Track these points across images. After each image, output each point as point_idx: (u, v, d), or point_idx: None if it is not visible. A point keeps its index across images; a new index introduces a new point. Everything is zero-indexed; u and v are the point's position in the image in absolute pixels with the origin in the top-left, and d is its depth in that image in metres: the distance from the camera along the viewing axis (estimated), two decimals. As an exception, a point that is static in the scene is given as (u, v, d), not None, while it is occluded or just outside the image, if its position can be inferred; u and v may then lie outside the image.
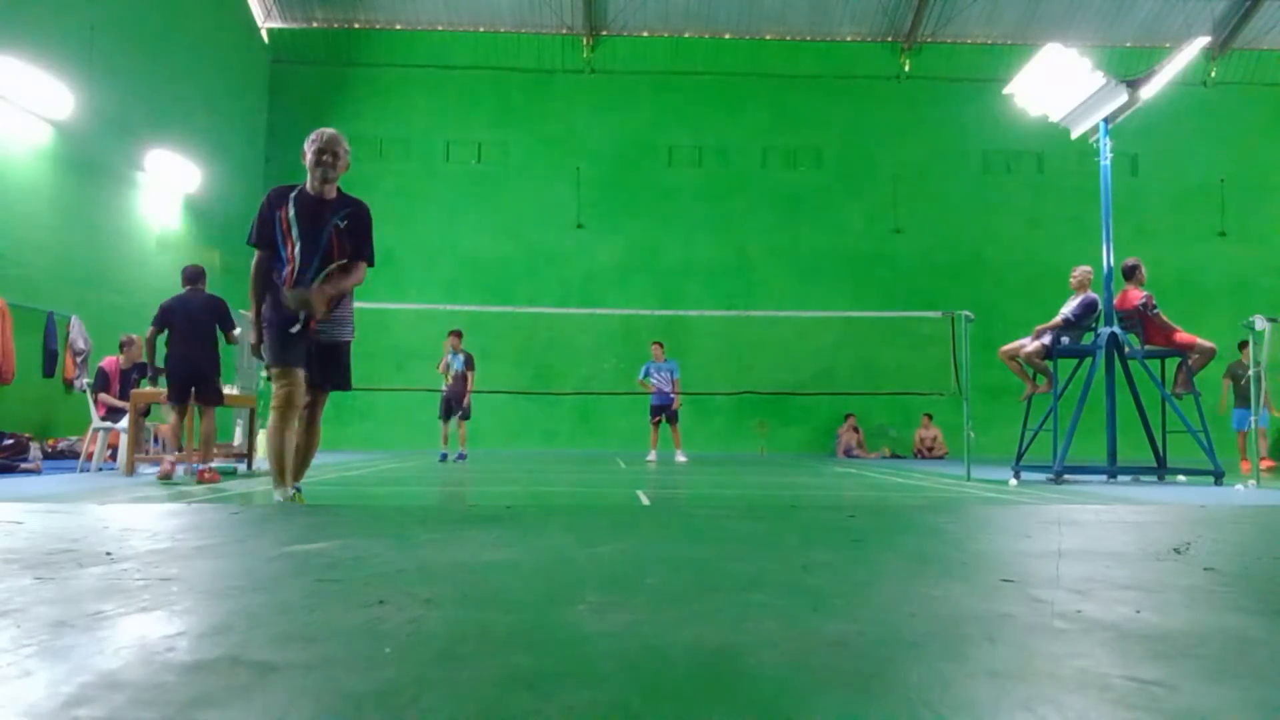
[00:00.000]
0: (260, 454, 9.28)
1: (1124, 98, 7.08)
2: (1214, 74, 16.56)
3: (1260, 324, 6.73)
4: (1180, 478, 7.31)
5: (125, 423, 7.27)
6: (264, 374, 4.07)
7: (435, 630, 1.32)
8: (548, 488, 6.34)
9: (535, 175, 16.24)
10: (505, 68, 16.45)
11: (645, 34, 16.60)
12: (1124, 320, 7.41)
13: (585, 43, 16.52)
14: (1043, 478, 7.24)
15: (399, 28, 16.59)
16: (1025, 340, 7.62)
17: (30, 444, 7.78)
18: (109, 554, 2.09)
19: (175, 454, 6.45)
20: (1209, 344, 7.36)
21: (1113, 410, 7.26)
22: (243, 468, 7.88)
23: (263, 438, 10.06)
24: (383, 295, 11.73)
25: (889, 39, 16.71)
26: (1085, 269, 7.61)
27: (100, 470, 7.46)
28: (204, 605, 1.52)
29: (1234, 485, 6.67)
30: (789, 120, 16.51)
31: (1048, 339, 7.36)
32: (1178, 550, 2.34)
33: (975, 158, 16.45)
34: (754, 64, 16.63)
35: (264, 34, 16.20)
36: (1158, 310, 7.47)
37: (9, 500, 4.16)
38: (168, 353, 6.45)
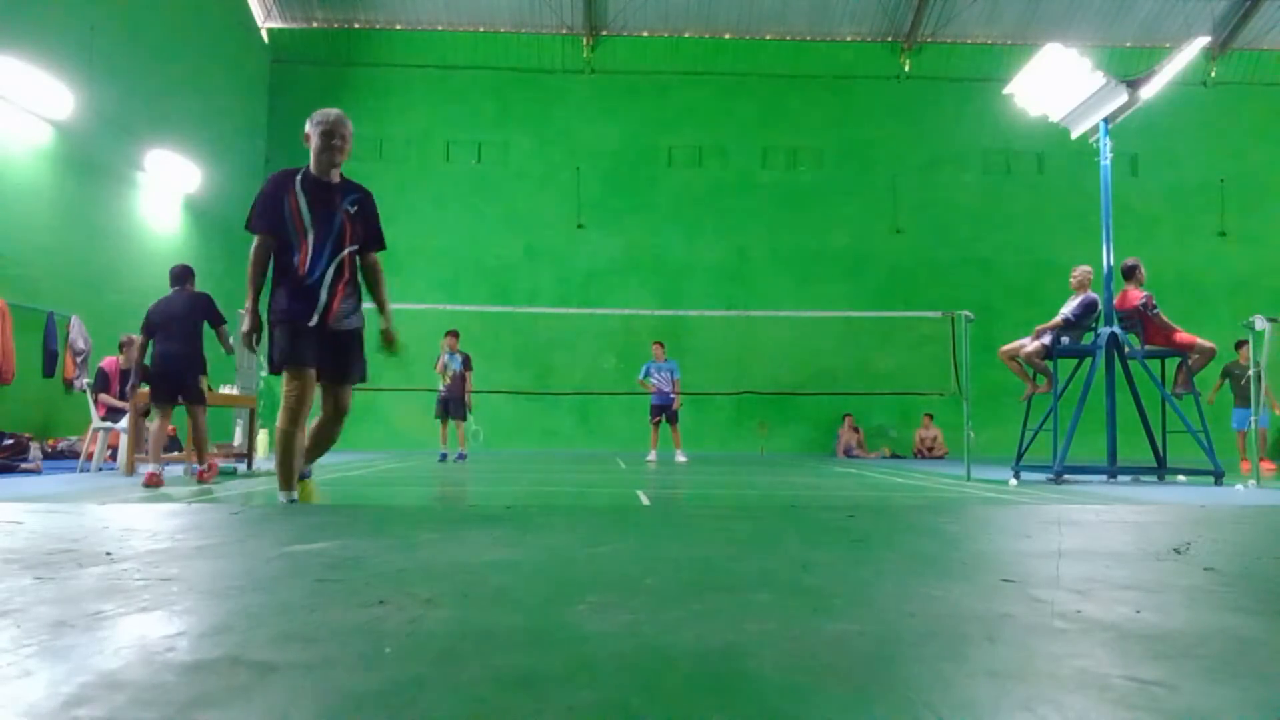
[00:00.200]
0: (260, 454, 9.28)
1: (1124, 98, 7.08)
2: (1214, 74, 16.56)
3: (1260, 324, 6.73)
4: (1180, 478, 7.31)
5: (125, 423, 7.28)
6: (262, 373, 4.04)
7: (435, 630, 1.32)
8: (548, 488, 6.33)
9: (535, 175, 16.24)
10: (505, 68, 16.45)
11: (645, 34, 16.60)
12: (1124, 320, 7.41)
13: (585, 43, 16.52)
14: (1043, 478, 7.24)
15: (399, 28, 16.59)
16: (1025, 340, 7.62)
17: (30, 444, 7.79)
18: (109, 554, 2.09)
19: (160, 462, 5.87)
20: (1209, 344, 7.36)
21: (1113, 410, 7.26)
22: (243, 468, 7.87)
23: (263, 438, 10.08)
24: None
25: (889, 39, 16.71)
26: (1085, 269, 7.61)
27: (100, 470, 7.47)
28: (204, 605, 1.52)
29: (1234, 485, 6.67)
30: (789, 120, 16.51)
31: (1048, 339, 7.36)
32: (1178, 550, 2.34)
33: (975, 158, 16.44)
34: (754, 64, 16.63)
35: (264, 34, 16.21)
36: (1158, 310, 7.47)
37: (9, 500, 4.16)
38: (151, 354, 6.35)
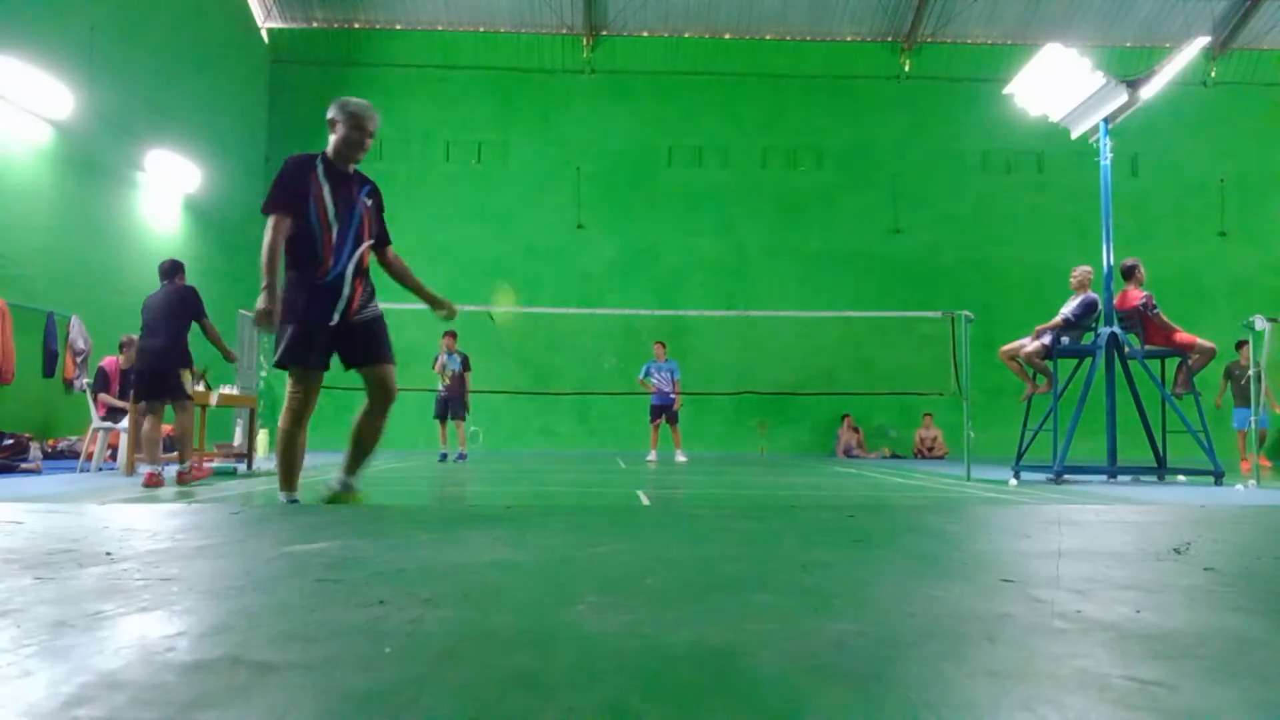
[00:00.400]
0: (260, 454, 9.28)
1: (1124, 98, 7.08)
2: (1214, 74, 16.56)
3: (1260, 324, 6.74)
4: (1180, 478, 7.31)
5: (125, 423, 7.28)
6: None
7: (435, 630, 1.32)
8: (548, 488, 6.34)
9: (535, 175, 16.23)
10: (505, 68, 16.45)
11: (645, 34, 16.60)
12: (1124, 320, 7.41)
13: (585, 43, 16.52)
14: (1043, 478, 7.24)
15: (399, 28, 16.59)
16: (1025, 340, 7.62)
17: (30, 444, 7.79)
18: (109, 554, 2.09)
19: (159, 462, 5.89)
20: (1209, 344, 7.36)
21: (1113, 410, 7.26)
22: (243, 468, 7.87)
23: (263, 437, 10.07)
24: (383, 295, 11.68)
25: (889, 39, 16.71)
26: (1085, 269, 7.61)
27: (100, 470, 7.47)
28: (204, 605, 1.52)
29: (1234, 485, 6.67)
30: (789, 120, 16.50)
31: (1048, 339, 7.36)
32: (1178, 550, 2.34)
33: (975, 158, 16.44)
34: (754, 64, 16.62)
35: (264, 34, 16.20)
36: (1157, 310, 7.47)
37: (9, 500, 4.16)
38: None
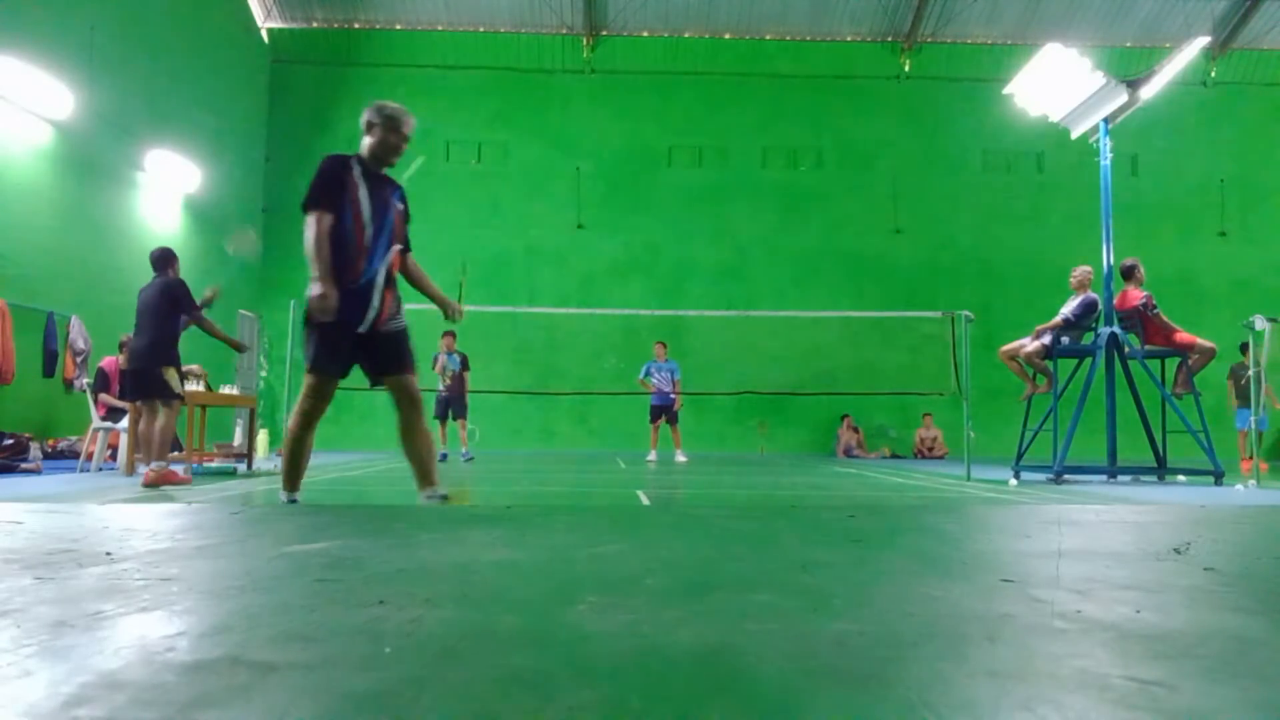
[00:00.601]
0: (260, 454, 9.28)
1: (1124, 98, 7.08)
2: (1214, 74, 16.56)
3: (1260, 324, 6.74)
4: (1180, 478, 7.31)
5: (125, 423, 7.27)
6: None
7: (435, 630, 1.32)
8: (548, 488, 6.33)
9: (535, 175, 16.23)
10: (505, 68, 16.45)
11: (645, 34, 16.60)
12: (1124, 320, 7.41)
13: (585, 43, 16.52)
14: (1043, 478, 7.23)
15: (399, 28, 16.59)
16: (1025, 340, 7.62)
17: (30, 444, 7.79)
18: (109, 554, 2.09)
19: (159, 461, 5.83)
20: (1209, 344, 7.36)
21: (1113, 410, 7.26)
22: (242, 468, 7.87)
23: (263, 438, 10.08)
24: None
25: (889, 39, 16.71)
26: (1085, 269, 7.61)
27: (100, 470, 7.46)
28: (204, 605, 1.52)
29: (1234, 485, 6.67)
30: (789, 120, 16.50)
31: (1048, 339, 7.36)
32: (1178, 550, 2.34)
33: (975, 158, 16.44)
34: (754, 64, 16.62)
35: (264, 34, 16.20)
36: (1157, 310, 7.47)
37: (9, 500, 4.16)
38: None
